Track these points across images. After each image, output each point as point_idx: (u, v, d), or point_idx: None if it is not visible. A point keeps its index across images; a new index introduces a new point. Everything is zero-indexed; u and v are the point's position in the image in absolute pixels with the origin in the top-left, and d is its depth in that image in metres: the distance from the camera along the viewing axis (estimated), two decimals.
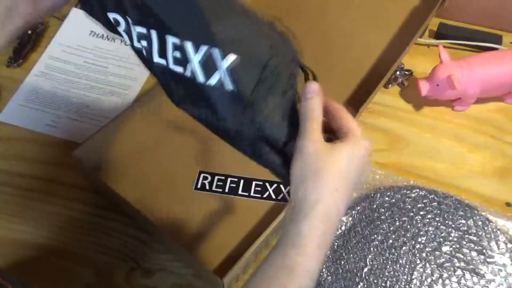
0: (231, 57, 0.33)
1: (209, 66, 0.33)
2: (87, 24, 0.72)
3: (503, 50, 0.67)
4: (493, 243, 0.50)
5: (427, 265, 0.49)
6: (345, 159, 0.34)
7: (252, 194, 0.55)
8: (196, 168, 0.57)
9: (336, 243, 0.50)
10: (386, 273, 0.48)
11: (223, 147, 0.60)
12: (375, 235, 0.50)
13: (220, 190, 0.55)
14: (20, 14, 0.36)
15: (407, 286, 0.47)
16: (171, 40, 0.34)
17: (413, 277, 0.48)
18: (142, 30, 0.35)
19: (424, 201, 0.53)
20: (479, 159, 0.59)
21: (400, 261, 0.49)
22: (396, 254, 0.49)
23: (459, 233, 0.51)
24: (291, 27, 0.75)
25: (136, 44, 0.37)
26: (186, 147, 0.59)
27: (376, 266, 0.48)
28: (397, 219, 0.51)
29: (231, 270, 0.45)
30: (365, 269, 0.48)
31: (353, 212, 0.52)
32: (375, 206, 0.52)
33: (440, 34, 0.70)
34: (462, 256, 0.49)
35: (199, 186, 0.56)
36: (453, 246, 0.50)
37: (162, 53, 0.35)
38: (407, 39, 0.64)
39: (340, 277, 0.48)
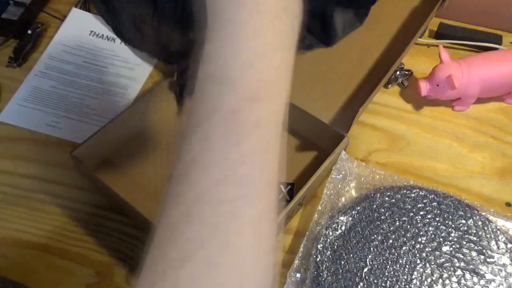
0: None
1: None
2: (87, 24, 0.72)
3: (503, 50, 0.67)
4: (493, 243, 0.50)
5: (427, 265, 0.49)
6: None
7: None
8: None
9: (336, 243, 0.50)
10: (386, 273, 0.48)
11: None
12: (375, 235, 0.50)
13: None
14: None
15: (407, 286, 0.47)
16: None
17: (413, 277, 0.48)
18: None
19: (424, 201, 0.53)
20: (479, 159, 0.59)
21: (400, 261, 0.49)
22: (396, 254, 0.49)
23: (459, 233, 0.51)
24: None
25: None
26: None
27: (376, 266, 0.48)
28: (397, 219, 0.51)
29: None
30: (365, 269, 0.48)
31: (353, 212, 0.52)
32: (375, 206, 0.52)
33: (440, 34, 0.70)
34: (462, 256, 0.49)
35: None
36: (453, 246, 0.50)
37: None
38: (407, 39, 0.64)
39: (340, 277, 0.48)
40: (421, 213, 0.52)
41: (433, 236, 0.50)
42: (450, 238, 0.50)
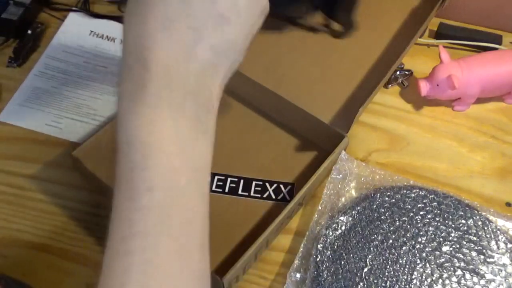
0: None
1: None
2: (87, 24, 0.72)
3: (503, 50, 0.67)
4: (493, 243, 0.50)
5: (427, 265, 0.49)
6: None
7: (252, 194, 0.55)
8: None
9: (336, 243, 0.50)
10: (386, 273, 0.48)
11: (223, 147, 0.60)
12: (375, 235, 0.50)
13: (220, 190, 0.55)
14: None
15: (407, 286, 0.47)
16: None
17: (413, 277, 0.48)
18: None
19: (424, 201, 0.53)
20: (479, 159, 0.59)
21: (400, 261, 0.49)
22: (396, 254, 0.49)
23: (459, 233, 0.51)
24: (291, 28, 0.75)
25: None
26: None
27: (376, 266, 0.48)
28: (397, 219, 0.51)
29: (231, 270, 0.45)
30: (365, 269, 0.48)
31: (353, 212, 0.52)
32: (375, 206, 0.52)
33: (440, 34, 0.70)
34: (462, 256, 0.49)
35: None
36: (453, 246, 0.50)
37: None
38: (407, 39, 0.64)
39: (340, 277, 0.48)
40: (421, 213, 0.52)
41: (433, 236, 0.50)
42: (450, 238, 0.50)
